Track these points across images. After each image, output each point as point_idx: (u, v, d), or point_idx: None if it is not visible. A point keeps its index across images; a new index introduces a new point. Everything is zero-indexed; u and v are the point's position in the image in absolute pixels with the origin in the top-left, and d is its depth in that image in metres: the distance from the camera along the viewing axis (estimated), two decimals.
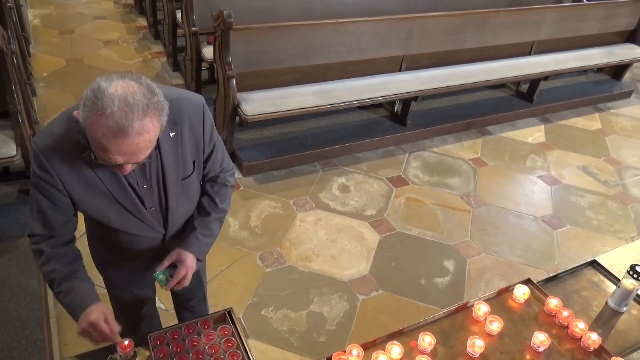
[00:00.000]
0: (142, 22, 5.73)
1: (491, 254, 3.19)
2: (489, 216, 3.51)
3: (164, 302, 2.58)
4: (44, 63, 4.63)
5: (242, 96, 3.44)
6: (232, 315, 1.68)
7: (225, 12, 3.18)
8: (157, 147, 1.32)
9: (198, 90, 4.14)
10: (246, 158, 3.58)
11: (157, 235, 1.54)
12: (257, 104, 3.41)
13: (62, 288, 1.41)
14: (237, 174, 3.56)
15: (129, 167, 1.22)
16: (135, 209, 1.41)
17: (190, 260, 1.54)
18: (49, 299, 2.51)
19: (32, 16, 5.52)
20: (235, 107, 3.39)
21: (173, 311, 2.52)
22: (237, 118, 3.49)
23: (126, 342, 1.49)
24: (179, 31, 4.45)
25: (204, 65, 4.09)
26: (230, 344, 1.59)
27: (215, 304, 2.50)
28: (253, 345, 2.44)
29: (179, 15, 4.30)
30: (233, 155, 3.63)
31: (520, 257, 3.20)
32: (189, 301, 2.04)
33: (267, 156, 3.63)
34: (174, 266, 1.54)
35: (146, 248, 1.57)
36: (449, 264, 3.07)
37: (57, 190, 1.32)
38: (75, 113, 1.16)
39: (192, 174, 1.47)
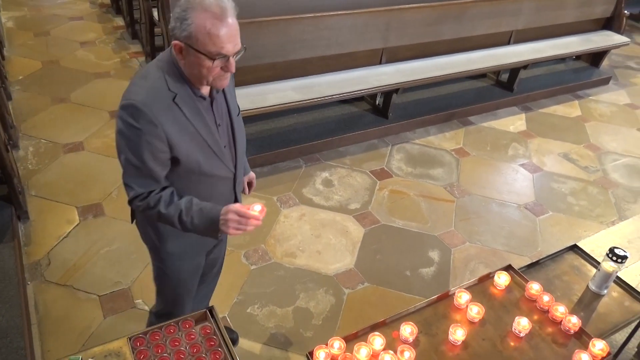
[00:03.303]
0: (119, 22, 5.65)
1: (475, 243, 3.21)
2: (473, 206, 3.53)
3: (148, 304, 2.55)
4: (19, 66, 4.54)
5: None
6: (214, 313, 1.66)
7: None
8: None
9: None
10: None
11: (230, 175, 1.63)
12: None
13: (192, 213, 1.47)
14: None
15: (233, 63, 1.37)
16: (217, 147, 1.52)
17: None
18: (29, 306, 2.47)
19: (6, 18, 5.41)
20: None
21: None
22: None
23: (258, 209, 1.49)
24: (157, 30, 4.40)
25: None
26: (212, 343, 1.57)
27: (209, 305, 2.47)
28: (239, 343, 2.43)
29: (155, 13, 4.24)
30: None
31: (504, 245, 3.22)
32: (212, 269, 2.11)
33: (249, 154, 3.60)
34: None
35: (220, 192, 1.65)
36: (434, 255, 3.08)
37: (159, 141, 1.38)
38: (174, 43, 1.33)
39: (239, 111, 1.66)
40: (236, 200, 1.73)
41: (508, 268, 1.90)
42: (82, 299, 2.55)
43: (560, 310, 1.71)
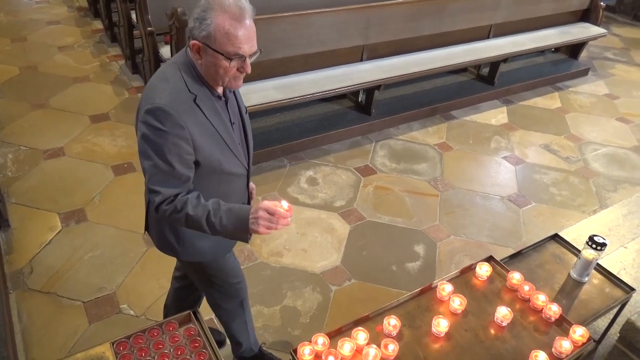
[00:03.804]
0: (98, 25, 5.59)
1: (460, 236, 3.24)
2: (457, 199, 3.56)
3: (133, 309, 2.54)
4: None
5: None
6: (197, 315, 1.66)
7: (179, 10, 3.13)
8: None
9: None
10: None
11: (244, 172, 1.65)
12: None
13: (220, 214, 1.46)
14: None
15: (249, 63, 1.41)
16: (233, 145, 1.55)
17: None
18: (12, 315, 2.44)
19: None
20: None
21: (144, 316, 2.51)
22: None
23: (286, 206, 1.48)
24: (135, 32, 4.36)
25: None
26: (197, 344, 1.57)
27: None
28: (227, 343, 2.42)
29: (134, 16, 4.21)
30: None
31: (489, 237, 3.25)
32: None
33: None
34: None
35: (236, 190, 1.68)
36: (420, 249, 3.10)
37: (186, 143, 1.40)
38: (192, 43, 1.36)
39: (246, 109, 1.69)
40: (249, 197, 1.76)
41: (489, 259, 1.92)
42: (66, 306, 2.53)
43: (541, 298, 1.73)
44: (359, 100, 4.30)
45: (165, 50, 3.77)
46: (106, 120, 3.99)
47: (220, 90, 1.51)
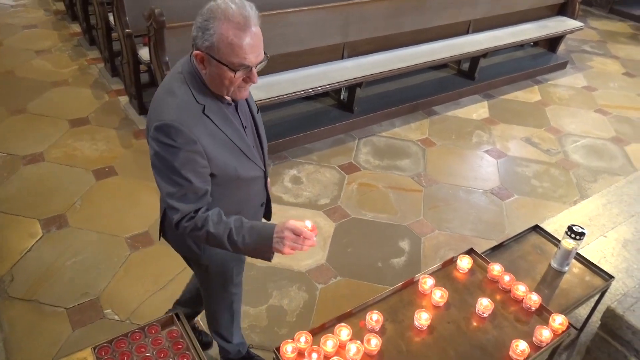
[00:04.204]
0: (76, 28, 5.52)
1: (444, 230, 3.26)
2: (440, 194, 3.59)
3: (118, 314, 2.51)
4: None
5: None
6: (180, 317, 1.65)
7: (156, 11, 3.11)
8: None
9: (139, 94, 4.03)
10: None
11: (260, 174, 1.62)
12: None
13: (243, 232, 1.42)
14: None
15: (255, 73, 1.36)
16: (247, 149, 1.51)
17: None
18: None
19: None
20: None
21: (128, 321, 2.48)
22: None
23: (310, 226, 1.47)
24: (114, 35, 4.32)
25: (143, 68, 3.98)
26: (180, 346, 1.57)
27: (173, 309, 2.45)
28: (214, 345, 2.41)
29: (112, 18, 4.16)
30: None
31: (472, 230, 3.28)
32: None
33: None
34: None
35: (255, 193, 1.65)
36: (405, 244, 3.12)
37: (200, 157, 1.37)
38: (195, 53, 1.33)
39: (258, 108, 1.66)
40: (268, 197, 1.74)
41: (470, 251, 1.94)
42: (49, 313, 2.50)
43: (521, 289, 1.75)
44: (341, 98, 4.30)
45: (144, 52, 3.74)
46: (86, 124, 3.94)
47: (228, 97, 1.47)
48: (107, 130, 3.88)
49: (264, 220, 1.81)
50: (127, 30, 3.74)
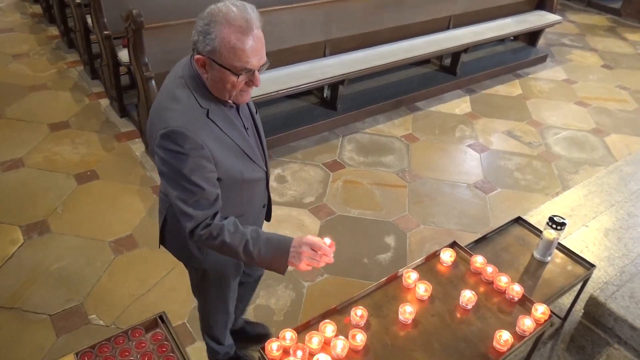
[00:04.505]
0: (54, 31, 5.44)
1: (429, 225, 3.28)
2: (425, 189, 3.61)
3: (102, 319, 2.49)
4: None
5: None
6: (164, 319, 1.64)
7: (134, 12, 3.07)
8: None
9: (119, 97, 3.99)
10: None
11: (263, 175, 1.61)
12: None
13: (259, 244, 1.42)
14: None
15: (258, 77, 1.35)
16: (251, 151, 1.50)
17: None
18: None
19: None
20: None
21: (114, 325, 2.46)
22: None
23: (328, 242, 1.50)
24: (92, 37, 4.26)
25: (123, 70, 3.94)
26: (164, 349, 1.55)
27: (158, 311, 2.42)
28: (201, 346, 2.40)
29: (90, 20, 4.11)
30: None
31: (457, 224, 3.31)
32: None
33: None
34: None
35: (257, 194, 1.64)
36: (390, 240, 3.13)
37: (208, 162, 1.36)
38: (196, 57, 1.31)
39: (257, 109, 1.66)
40: (269, 198, 1.73)
41: (453, 245, 1.96)
42: (32, 320, 2.46)
43: (503, 280, 1.77)
44: (324, 96, 4.31)
45: (123, 54, 3.70)
46: (66, 128, 3.89)
47: (230, 100, 1.45)
48: (88, 134, 3.84)
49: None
50: (105, 32, 3.69)
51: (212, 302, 1.90)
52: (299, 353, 1.43)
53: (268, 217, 1.83)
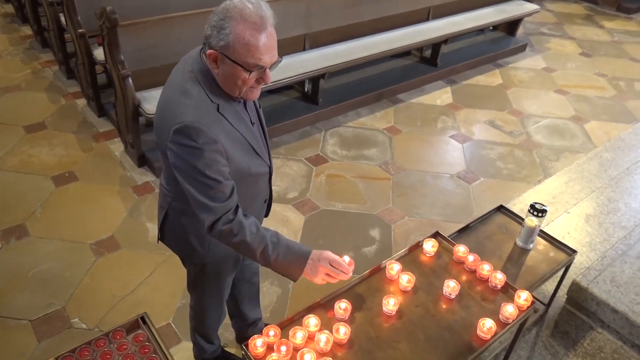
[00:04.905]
0: (27, 31, 5.32)
1: (414, 217, 3.29)
2: (408, 181, 3.62)
3: (85, 322, 2.45)
4: None
5: (142, 95, 3.29)
6: (146, 319, 1.62)
7: (108, 9, 3.01)
8: None
9: (96, 96, 3.92)
10: (158, 159, 3.44)
11: (267, 170, 1.61)
12: None
13: (279, 250, 1.46)
14: (151, 177, 3.43)
15: (269, 74, 1.36)
16: (258, 147, 1.51)
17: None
18: None
19: None
20: (137, 107, 3.24)
21: (97, 329, 2.42)
22: (142, 118, 3.35)
23: (347, 260, 1.57)
24: (67, 36, 4.18)
25: (99, 68, 3.87)
26: (147, 350, 1.54)
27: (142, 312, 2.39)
28: (187, 346, 2.38)
29: (63, 18, 4.02)
30: (143, 158, 3.49)
31: (441, 215, 3.32)
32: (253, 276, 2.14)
33: None
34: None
35: (260, 189, 1.65)
36: (375, 233, 3.14)
37: (220, 156, 1.36)
38: (208, 52, 1.31)
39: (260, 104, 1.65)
40: (270, 193, 1.73)
41: (435, 235, 1.96)
42: (12, 326, 2.41)
43: (486, 268, 1.78)
44: (305, 90, 4.28)
45: (99, 53, 3.63)
46: (42, 129, 3.81)
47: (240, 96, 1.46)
48: (65, 135, 3.77)
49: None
50: (79, 31, 3.62)
51: (207, 298, 1.89)
52: (283, 348, 1.42)
53: (267, 213, 1.83)
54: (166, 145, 1.37)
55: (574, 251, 2.18)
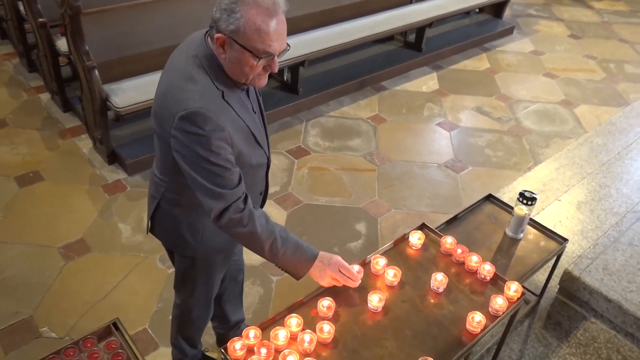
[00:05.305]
0: None
1: (401, 209, 3.31)
2: (394, 172, 3.63)
3: (55, 331, 2.41)
4: None
5: (110, 87, 3.24)
6: (119, 325, 1.60)
7: None
8: None
9: (61, 90, 3.85)
10: (129, 155, 3.40)
11: (266, 161, 1.63)
12: (128, 93, 3.23)
13: (287, 245, 1.50)
14: (122, 174, 3.38)
15: (277, 62, 1.38)
16: (260, 137, 1.52)
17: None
18: None
19: None
20: (104, 101, 3.19)
21: (68, 337, 2.39)
22: (111, 113, 3.30)
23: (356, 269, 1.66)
24: (27, 26, 4.09)
25: (63, 60, 3.79)
26: (120, 357, 1.52)
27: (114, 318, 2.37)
28: (165, 352, 2.36)
29: (22, 7, 3.93)
30: (113, 154, 3.44)
31: (429, 206, 3.34)
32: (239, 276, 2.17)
33: (152, 149, 3.39)
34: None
35: (258, 181, 1.66)
36: (361, 227, 3.15)
37: (226, 143, 1.37)
38: (216, 36, 1.31)
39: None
40: (267, 185, 1.75)
41: (422, 227, 1.97)
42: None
43: (474, 259, 1.80)
44: (285, 79, 4.26)
45: (62, 43, 3.55)
46: (3, 127, 3.73)
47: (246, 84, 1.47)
48: (29, 132, 3.69)
49: None
50: (40, 20, 3.54)
51: (197, 294, 1.88)
52: (263, 350, 1.42)
53: (261, 206, 1.83)
54: (169, 132, 1.37)
55: (565, 240, 2.21)
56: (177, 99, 1.35)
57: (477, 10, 5.85)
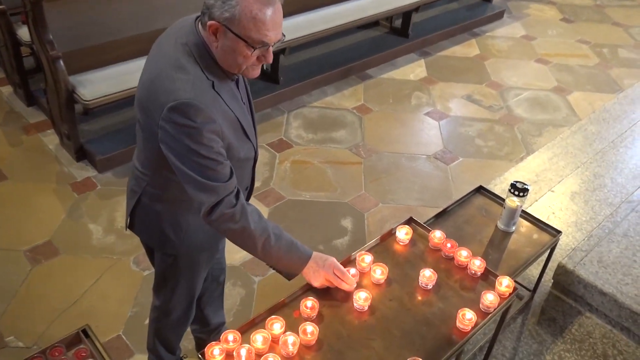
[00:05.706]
0: None
1: (388, 203, 3.32)
2: (381, 164, 3.64)
3: (22, 340, 2.38)
4: None
5: (77, 79, 3.19)
6: (89, 332, 1.58)
7: None
8: None
9: (24, 82, 3.78)
10: (99, 151, 3.36)
11: (253, 155, 1.63)
12: (96, 85, 3.19)
13: (280, 243, 1.53)
14: (92, 172, 3.34)
15: (271, 53, 1.38)
16: (250, 129, 1.53)
17: None
18: None
19: None
20: (71, 93, 3.15)
21: (36, 346, 2.36)
22: (78, 106, 3.25)
23: (352, 272, 1.70)
24: None
25: (25, 50, 3.73)
26: None
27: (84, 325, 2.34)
28: (142, 359, 2.34)
29: None
30: (82, 151, 3.39)
31: (418, 200, 3.36)
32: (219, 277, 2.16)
33: (124, 145, 3.43)
34: None
35: (245, 175, 1.66)
36: (347, 223, 3.15)
37: (217, 136, 1.38)
38: (209, 24, 1.30)
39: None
40: (253, 179, 1.75)
41: (409, 221, 1.98)
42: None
43: (464, 254, 1.81)
44: (264, 68, 4.24)
45: (23, 32, 3.49)
46: None
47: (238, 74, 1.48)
48: None
49: None
50: None
51: (178, 295, 1.87)
52: (243, 352, 1.41)
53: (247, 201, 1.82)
54: (157, 123, 1.36)
55: (559, 232, 2.23)
56: (166, 89, 1.34)
57: None
